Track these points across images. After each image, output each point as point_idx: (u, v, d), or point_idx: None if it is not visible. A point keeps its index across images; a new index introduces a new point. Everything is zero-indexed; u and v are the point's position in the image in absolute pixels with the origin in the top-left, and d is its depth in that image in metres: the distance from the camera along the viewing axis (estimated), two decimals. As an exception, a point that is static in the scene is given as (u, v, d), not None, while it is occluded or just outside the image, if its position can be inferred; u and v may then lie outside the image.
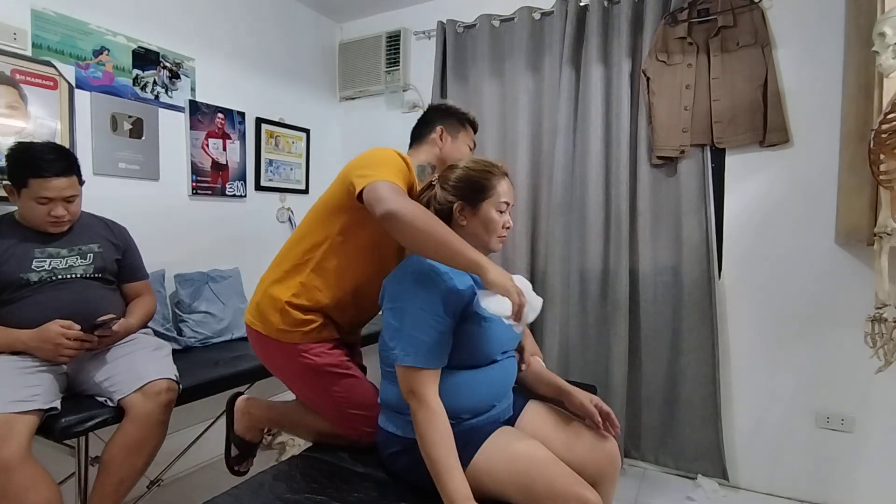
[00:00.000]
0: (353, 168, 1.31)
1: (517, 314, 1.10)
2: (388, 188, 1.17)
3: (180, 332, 2.19)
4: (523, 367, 1.43)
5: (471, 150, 1.66)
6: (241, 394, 1.76)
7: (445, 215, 1.26)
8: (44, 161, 1.49)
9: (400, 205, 1.12)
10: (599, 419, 1.28)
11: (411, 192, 1.33)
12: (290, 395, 1.64)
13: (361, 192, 1.20)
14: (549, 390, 1.41)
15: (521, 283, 1.21)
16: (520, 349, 1.45)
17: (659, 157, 2.24)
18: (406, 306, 1.13)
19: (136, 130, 2.15)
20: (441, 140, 1.60)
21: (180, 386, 1.59)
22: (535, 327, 2.53)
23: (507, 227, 1.28)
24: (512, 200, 1.29)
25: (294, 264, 1.39)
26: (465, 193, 1.25)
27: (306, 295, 1.37)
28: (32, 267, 1.54)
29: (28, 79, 1.81)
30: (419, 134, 1.65)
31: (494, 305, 1.12)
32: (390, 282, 1.20)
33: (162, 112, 2.25)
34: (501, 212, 1.26)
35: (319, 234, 1.37)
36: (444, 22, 2.70)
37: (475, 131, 1.70)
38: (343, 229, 1.35)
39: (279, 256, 1.48)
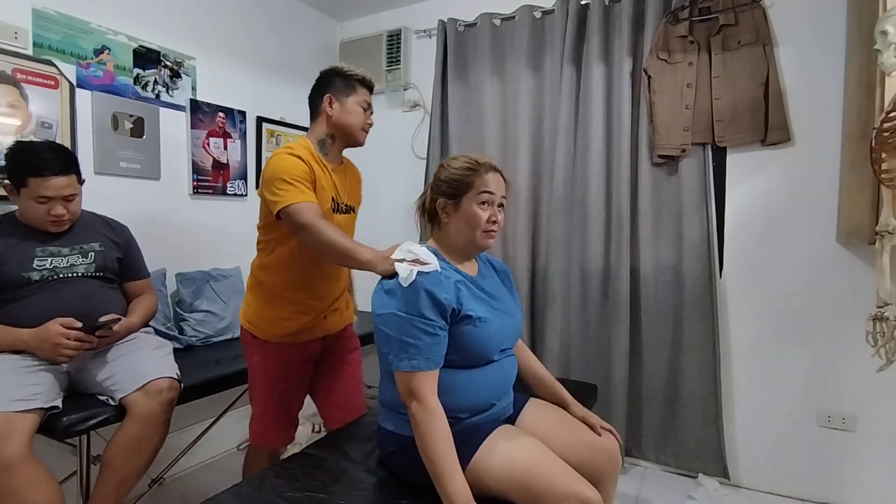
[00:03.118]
0: (265, 183, 1.46)
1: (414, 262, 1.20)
2: (298, 210, 1.37)
3: (181, 331, 2.19)
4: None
5: (364, 111, 1.60)
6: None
7: (433, 213, 1.30)
8: (42, 160, 1.49)
9: (308, 236, 1.37)
10: (600, 430, 1.34)
11: (315, 182, 1.48)
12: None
13: (279, 212, 1.41)
14: (549, 398, 1.44)
15: (409, 248, 1.24)
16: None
17: (660, 156, 2.23)
18: (392, 313, 1.13)
19: (137, 129, 2.15)
20: (331, 108, 1.56)
21: (182, 385, 1.59)
22: (536, 325, 2.53)
23: (494, 221, 1.25)
24: (498, 191, 1.26)
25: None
26: (446, 192, 1.27)
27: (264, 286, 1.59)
28: (34, 266, 1.54)
29: (29, 78, 1.81)
30: (312, 107, 1.62)
31: (403, 273, 1.18)
32: (375, 293, 1.21)
33: (163, 111, 2.25)
34: (484, 203, 1.24)
35: (267, 234, 1.58)
36: (445, 20, 2.70)
37: (370, 90, 1.63)
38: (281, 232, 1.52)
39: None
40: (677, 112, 2.18)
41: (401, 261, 1.19)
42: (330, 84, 1.58)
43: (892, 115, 1.30)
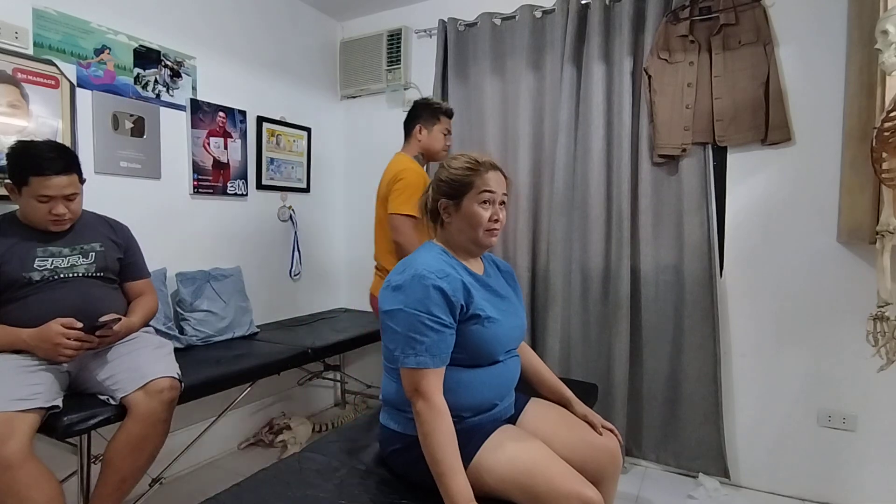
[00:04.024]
0: (397, 189, 1.92)
1: None
2: (401, 224, 1.90)
3: (182, 331, 2.19)
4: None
5: (445, 136, 2.12)
6: None
7: (436, 213, 1.30)
8: (44, 159, 1.49)
9: (401, 241, 1.90)
10: (601, 429, 1.35)
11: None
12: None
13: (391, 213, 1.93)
14: (552, 396, 1.45)
15: None
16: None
17: (660, 156, 2.23)
18: (400, 310, 1.14)
19: (138, 129, 2.15)
20: (420, 134, 2.08)
21: (182, 384, 1.59)
22: (537, 326, 2.53)
23: (496, 220, 1.25)
24: (498, 189, 1.26)
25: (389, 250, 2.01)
26: (447, 192, 1.27)
27: None
28: (35, 266, 1.54)
29: (30, 77, 1.81)
30: (407, 130, 2.13)
31: None
32: (383, 289, 1.21)
33: (163, 111, 2.25)
34: (485, 202, 1.24)
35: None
36: (446, 20, 2.69)
37: (450, 117, 2.14)
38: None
39: (380, 243, 2.07)
40: (678, 111, 2.18)
41: None
42: (420, 115, 2.09)
43: (892, 114, 1.30)
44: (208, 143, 2.43)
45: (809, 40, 2.04)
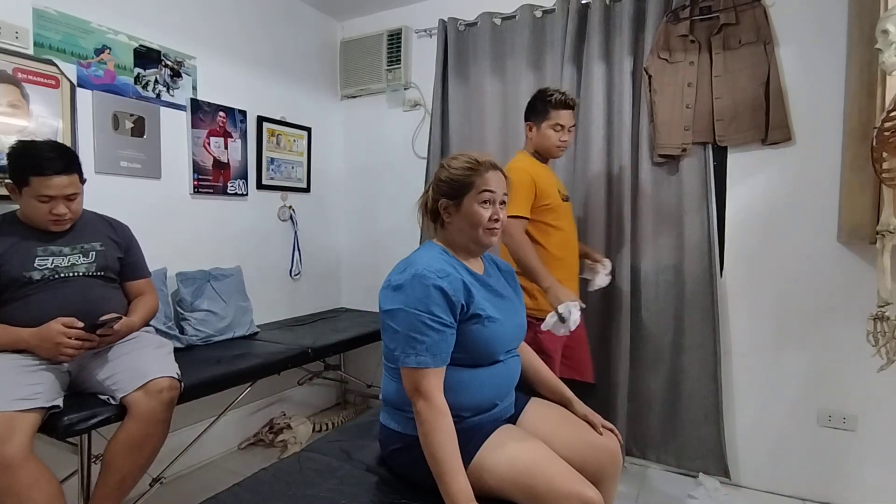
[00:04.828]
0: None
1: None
2: (509, 226, 1.62)
3: (182, 331, 2.19)
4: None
5: (558, 132, 1.86)
6: None
7: (436, 213, 1.30)
8: (44, 159, 1.49)
9: (506, 241, 1.72)
10: (601, 429, 1.34)
11: (539, 185, 1.80)
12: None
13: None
14: (552, 396, 1.44)
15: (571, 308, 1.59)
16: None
17: (661, 156, 2.23)
18: (400, 309, 1.14)
19: (138, 129, 2.15)
20: (530, 132, 1.93)
21: (182, 384, 1.59)
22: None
23: (496, 220, 1.26)
24: (498, 189, 1.26)
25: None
26: (447, 192, 1.27)
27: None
28: (35, 265, 1.54)
29: (30, 77, 1.81)
30: (525, 129, 1.98)
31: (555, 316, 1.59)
32: (382, 290, 1.21)
33: (163, 110, 2.25)
34: (486, 202, 1.24)
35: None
36: (446, 20, 2.69)
37: (568, 108, 1.86)
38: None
39: None
40: (678, 111, 2.18)
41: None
42: (533, 110, 1.91)
43: (892, 114, 1.30)
44: (208, 143, 2.43)
45: (809, 40, 2.04)
